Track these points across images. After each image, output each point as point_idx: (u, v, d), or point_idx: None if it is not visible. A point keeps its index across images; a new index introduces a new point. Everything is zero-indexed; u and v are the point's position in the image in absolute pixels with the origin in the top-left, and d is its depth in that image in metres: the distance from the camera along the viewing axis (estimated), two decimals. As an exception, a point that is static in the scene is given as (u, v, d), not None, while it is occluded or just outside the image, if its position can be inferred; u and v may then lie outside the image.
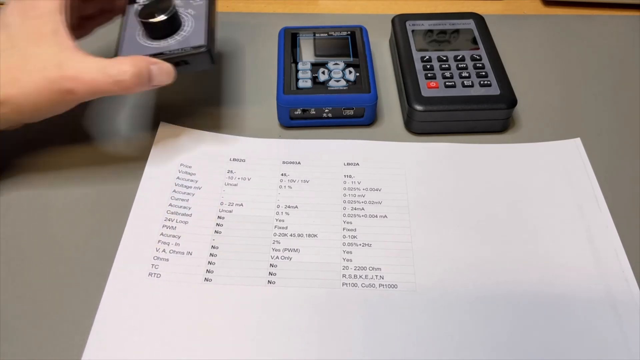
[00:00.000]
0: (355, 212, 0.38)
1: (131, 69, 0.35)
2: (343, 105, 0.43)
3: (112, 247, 0.36)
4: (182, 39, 0.38)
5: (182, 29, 0.38)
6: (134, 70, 0.35)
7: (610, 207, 0.38)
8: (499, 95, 0.43)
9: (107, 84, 0.35)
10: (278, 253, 0.36)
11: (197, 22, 0.39)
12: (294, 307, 0.33)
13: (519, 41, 0.53)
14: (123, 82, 0.35)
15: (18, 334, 0.32)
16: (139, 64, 0.35)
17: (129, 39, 0.38)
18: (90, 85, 0.34)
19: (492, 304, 0.33)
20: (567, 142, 0.43)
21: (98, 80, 0.34)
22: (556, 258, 0.36)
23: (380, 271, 0.35)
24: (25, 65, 0.34)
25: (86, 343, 0.31)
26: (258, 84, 0.48)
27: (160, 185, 0.39)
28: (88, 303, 0.33)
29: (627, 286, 0.34)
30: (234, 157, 0.42)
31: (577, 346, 0.31)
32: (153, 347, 0.31)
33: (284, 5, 0.58)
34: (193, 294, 0.34)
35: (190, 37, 0.38)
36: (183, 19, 0.39)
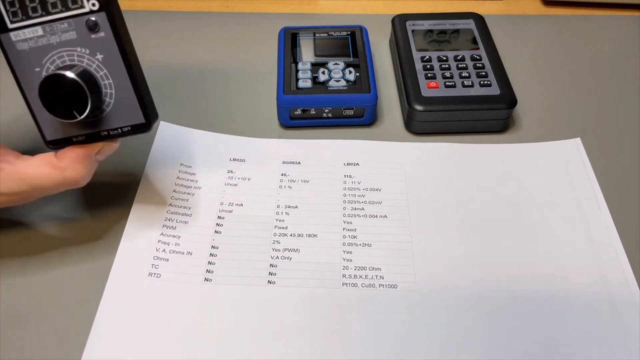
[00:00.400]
0: (355, 212, 0.38)
1: (77, 175, 0.32)
2: (343, 105, 0.43)
3: (112, 247, 0.36)
4: (111, 111, 0.31)
5: (105, 95, 0.31)
6: (82, 175, 0.32)
7: (610, 207, 0.38)
8: (499, 95, 0.43)
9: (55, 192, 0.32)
10: (278, 253, 0.36)
11: (117, 79, 0.31)
12: (294, 307, 0.33)
13: (519, 41, 0.53)
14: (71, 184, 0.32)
15: (18, 334, 0.32)
16: (82, 166, 0.32)
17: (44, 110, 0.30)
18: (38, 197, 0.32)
19: (492, 303, 0.33)
20: (567, 142, 0.43)
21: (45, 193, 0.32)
22: (556, 258, 0.36)
23: (380, 271, 0.35)
24: None
25: (86, 343, 0.31)
26: (258, 84, 0.48)
27: (160, 185, 0.39)
28: (88, 303, 0.33)
29: (627, 286, 0.34)
30: (234, 157, 0.42)
31: (577, 346, 0.31)
32: (153, 347, 0.31)
33: (284, 5, 0.58)
34: (193, 294, 0.34)
35: (121, 109, 0.31)
36: (98, 73, 0.30)
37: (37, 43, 0.30)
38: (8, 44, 0.30)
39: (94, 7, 0.29)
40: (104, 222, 0.37)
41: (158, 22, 0.55)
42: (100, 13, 0.29)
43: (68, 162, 0.32)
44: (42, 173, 0.31)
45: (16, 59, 0.30)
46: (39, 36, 0.30)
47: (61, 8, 0.29)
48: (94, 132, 0.32)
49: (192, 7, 0.58)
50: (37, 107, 0.31)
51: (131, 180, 0.40)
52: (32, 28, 0.30)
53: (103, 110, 0.31)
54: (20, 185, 0.31)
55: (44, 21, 0.29)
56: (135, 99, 0.31)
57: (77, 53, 0.30)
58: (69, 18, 0.29)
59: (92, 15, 0.29)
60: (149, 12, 0.56)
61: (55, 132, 0.32)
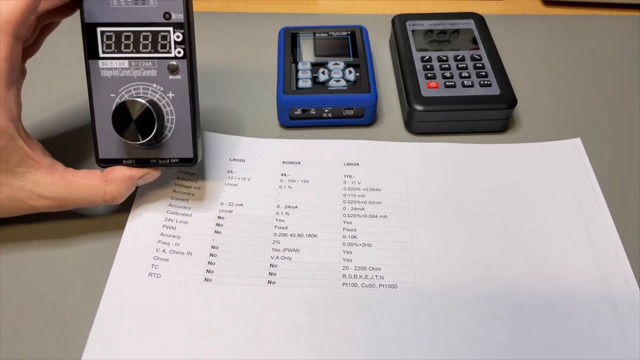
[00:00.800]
0: (355, 212, 0.38)
1: (118, 193, 0.35)
2: (343, 105, 0.43)
3: (112, 247, 0.36)
4: (166, 142, 0.35)
5: (165, 128, 0.34)
6: (121, 194, 0.35)
7: (610, 207, 0.38)
8: (499, 95, 0.43)
9: (92, 205, 0.35)
10: (278, 253, 0.36)
11: (180, 117, 0.34)
12: (294, 307, 0.33)
13: (519, 41, 0.53)
14: (111, 202, 0.35)
15: (18, 334, 0.32)
16: (125, 186, 0.35)
17: (105, 127, 0.34)
18: (75, 207, 0.35)
19: (492, 303, 0.33)
20: (567, 142, 0.43)
21: (83, 204, 0.35)
22: (556, 258, 0.36)
23: (380, 271, 0.35)
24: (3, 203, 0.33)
25: (86, 343, 0.31)
26: (258, 84, 0.48)
27: (160, 185, 0.39)
28: (88, 303, 0.33)
29: (627, 286, 0.34)
30: (234, 157, 0.42)
31: (577, 346, 0.31)
32: (153, 347, 0.31)
33: (284, 5, 0.58)
34: (193, 294, 0.34)
35: (175, 142, 0.35)
36: (164, 109, 0.34)
37: (120, 73, 0.34)
38: (94, 69, 0.34)
39: (179, 54, 0.34)
40: (103, 222, 0.37)
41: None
42: (182, 60, 0.34)
43: (113, 178, 0.35)
44: (87, 184, 0.34)
45: (96, 83, 0.34)
46: (123, 68, 0.34)
47: (151, 50, 0.33)
48: (144, 159, 0.35)
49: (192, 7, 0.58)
50: (100, 126, 0.34)
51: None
52: (120, 61, 0.34)
53: (159, 141, 0.35)
54: (65, 191, 0.33)
55: (132, 57, 0.34)
56: (191, 136, 0.35)
57: (152, 88, 0.34)
58: (155, 59, 0.34)
59: (175, 60, 0.34)
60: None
61: (108, 152, 0.35)
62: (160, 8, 0.33)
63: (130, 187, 0.35)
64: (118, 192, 0.35)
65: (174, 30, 0.33)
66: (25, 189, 0.33)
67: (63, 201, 0.34)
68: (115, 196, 0.35)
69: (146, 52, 0.34)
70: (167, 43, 0.34)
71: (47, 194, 0.33)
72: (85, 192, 0.34)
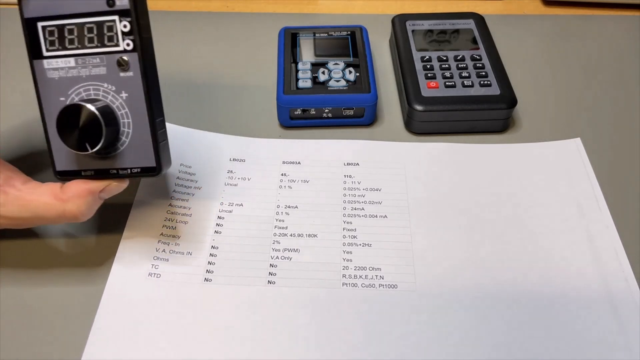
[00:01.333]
0: (355, 212, 0.38)
1: (78, 210, 0.31)
2: (343, 105, 0.43)
3: (112, 247, 0.36)
4: (125, 150, 0.31)
5: (121, 134, 0.31)
6: (82, 211, 0.31)
7: (610, 207, 0.38)
8: (499, 95, 0.43)
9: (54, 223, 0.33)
10: (278, 253, 0.36)
11: (137, 120, 0.31)
12: (294, 307, 0.33)
13: (519, 41, 0.53)
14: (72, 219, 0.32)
15: (18, 334, 0.32)
16: (85, 202, 0.31)
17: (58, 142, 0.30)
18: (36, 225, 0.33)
19: (492, 303, 0.33)
20: (567, 142, 0.43)
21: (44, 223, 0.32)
22: (556, 258, 0.36)
23: (380, 271, 0.35)
24: None
25: (86, 343, 0.31)
26: (258, 84, 0.48)
27: (160, 185, 0.39)
28: (88, 303, 0.33)
29: (627, 286, 0.34)
30: (234, 157, 0.42)
31: (577, 346, 0.31)
32: (153, 347, 0.31)
33: (284, 5, 0.58)
34: (193, 294, 0.34)
35: (134, 149, 0.31)
36: (119, 112, 0.31)
37: (67, 73, 0.31)
38: (39, 71, 0.30)
39: (128, 47, 0.30)
40: (103, 222, 0.37)
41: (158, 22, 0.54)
42: (132, 53, 0.30)
43: (71, 195, 0.31)
44: (44, 203, 0.31)
45: (44, 86, 0.31)
46: (70, 67, 0.30)
47: (97, 44, 0.30)
48: (104, 169, 0.32)
49: (192, 7, 0.58)
50: (53, 135, 0.31)
51: (131, 180, 0.40)
52: (66, 59, 0.30)
53: (117, 148, 0.31)
54: (22, 211, 0.31)
55: (78, 54, 0.30)
56: (151, 141, 0.31)
57: (103, 88, 0.30)
58: (102, 54, 0.30)
59: (125, 55, 0.30)
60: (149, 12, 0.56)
61: (65, 163, 0.32)
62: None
63: (91, 202, 0.32)
64: (78, 210, 0.31)
65: (120, 19, 0.29)
66: None
67: (21, 220, 0.32)
68: (76, 214, 0.31)
69: (92, 47, 0.30)
70: (113, 35, 0.30)
71: (2, 213, 0.31)
72: (42, 211, 0.31)
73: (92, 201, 0.32)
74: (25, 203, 0.31)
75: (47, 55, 0.30)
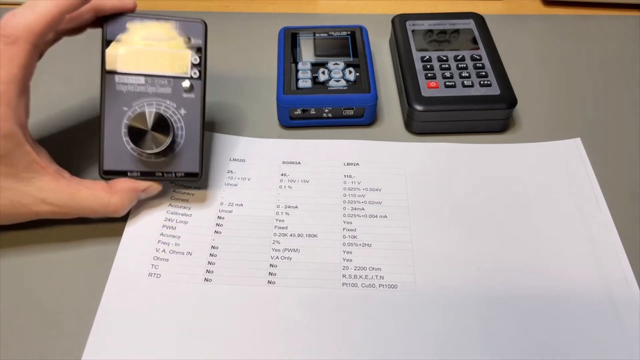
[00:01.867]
0: (355, 212, 0.38)
1: (121, 205, 0.35)
2: (343, 105, 0.43)
3: (112, 247, 0.36)
4: (173, 156, 0.35)
5: (175, 143, 0.35)
6: (124, 206, 0.35)
7: (610, 207, 0.38)
8: (499, 95, 0.43)
9: (94, 215, 0.35)
10: (278, 253, 0.36)
11: (189, 133, 0.35)
12: (294, 307, 0.33)
13: (519, 41, 0.53)
14: (112, 213, 0.35)
15: (18, 334, 0.32)
16: (129, 198, 0.35)
17: (113, 139, 0.34)
18: (77, 216, 0.35)
19: (492, 303, 0.33)
20: (567, 142, 0.43)
21: (86, 213, 0.35)
22: (556, 258, 0.36)
23: (380, 271, 0.35)
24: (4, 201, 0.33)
25: (86, 343, 0.31)
26: (258, 84, 0.48)
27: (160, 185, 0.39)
28: (88, 303, 0.33)
29: (627, 286, 0.34)
30: (234, 157, 0.42)
31: (577, 346, 0.31)
32: (153, 347, 0.31)
33: (284, 5, 0.58)
34: (193, 294, 0.34)
35: (182, 157, 0.35)
36: (175, 125, 0.35)
37: (135, 89, 0.35)
38: (109, 83, 0.34)
39: (194, 75, 0.35)
40: (103, 223, 0.37)
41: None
42: (197, 81, 0.35)
43: (118, 189, 0.35)
44: (92, 193, 0.34)
45: (110, 96, 0.34)
46: (139, 84, 0.35)
47: (169, 69, 0.35)
48: (149, 172, 0.35)
49: (192, 7, 0.58)
50: (109, 137, 0.35)
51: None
52: (138, 77, 0.35)
53: (167, 155, 0.35)
54: (69, 199, 0.34)
55: (149, 74, 0.35)
56: (198, 152, 0.35)
57: (165, 104, 0.35)
58: (171, 77, 0.35)
59: (191, 81, 0.35)
60: (149, 12, 0.56)
61: (113, 164, 0.35)
62: (182, 30, 0.35)
63: (133, 199, 0.36)
64: (121, 204, 0.35)
65: (193, 53, 0.35)
66: (30, 195, 0.33)
67: (66, 209, 0.34)
68: (118, 208, 0.35)
69: (163, 72, 0.35)
70: (184, 62, 0.35)
71: (51, 201, 0.33)
72: (89, 201, 0.34)
73: (134, 198, 0.35)
74: (75, 192, 0.34)
75: (120, 72, 0.35)
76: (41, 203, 0.33)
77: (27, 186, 0.33)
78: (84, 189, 0.34)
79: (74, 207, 0.34)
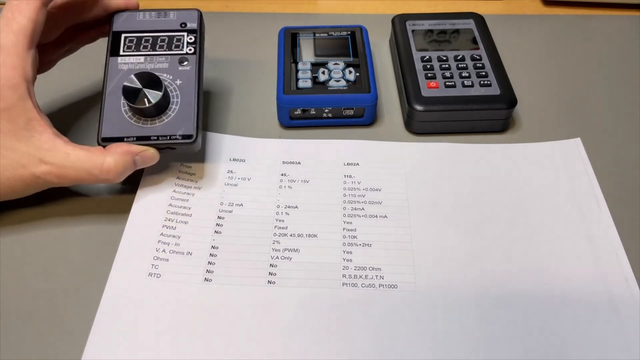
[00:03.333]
0: (355, 212, 0.38)
1: (115, 165, 0.35)
2: (343, 105, 0.43)
3: (112, 247, 0.36)
4: (169, 121, 0.36)
5: (170, 108, 0.37)
6: (118, 168, 0.35)
7: (610, 207, 0.38)
8: (499, 95, 0.43)
9: (89, 179, 0.35)
10: (278, 253, 0.36)
11: (184, 100, 0.37)
12: (294, 307, 0.33)
13: (519, 41, 0.53)
14: (106, 179, 0.35)
15: (18, 334, 0.32)
16: (123, 160, 0.35)
17: (112, 109, 0.37)
18: (73, 180, 0.35)
19: (491, 303, 0.33)
20: (567, 142, 0.43)
21: (81, 175, 0.35)
22: (556, 258, 0.36)
23: (380, 271, 0.35)
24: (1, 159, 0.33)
25: (86, 343, 0.31)
26: (258, 84, 0.48)
27: (160, 185, 0.39)
28: (88, 303, 0.33)
29: (627, 286, 0.34)
30: (234, 157, 0.42)
31: (577, 346, 0.31)
32: (153, 347, 0.31)
33: (284, 5, 0.58)
34: (193, 294, 0.34)
35: (177, 121, 0.36)
36: (171, 93, 0.37)
37: (135, 66, 0.38)
38: (113, 63, 0.38)
39: (189, 51, 0.39)
40: (103, 223, 0.37)
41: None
42: (192, 55, 0.39)
43: (112, 151, 0.35)
44: (87, 153, 0.34)
45: (112, 73, 0.38)
46: (139, 62, 0.38)
47: (166, 49, 0.39)
48: (145, 136, 0.36)
49: (192, 7, 0.58)
50: (108, 107, 0.37)
51: (131, 180, 0.40)
52: (137, 57, 0.39)
53: (162, 120, 0.37)
54: (66, 159, 0.34)
55: (148, 54, 0.39)
56: (192, 115, 0.37)
57: (162, 76, 0.37)
58: (168, 55, 0.39)
59: (186, 55, 0.39)
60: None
61: (111, 131, 0.36)
62: (179, 19, 0.40)
63: (128, 163, 0.35)
64: (115, 165, 0.34)
65: (188, 34, 0.39)
66: (29, 154, 0.34)
67: (63, 169, 0.34)
68: (111, 169, 0.34)
69: (162, 51, 0.39)
70: (180, 44, 0.39)
71: (48, 159, 0.34)
72: (84, 161, 0.34)
73: (129, 162, 0.35)
74: (70, 152, 0.34)
75: (122, 54, 0.38)
76: (39, 162, 0.34)
77: (26, 145, 0.33)
78: (80, 150, 0.34)
79: (69, 167, 0.34)
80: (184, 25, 0.40)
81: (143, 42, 0.39)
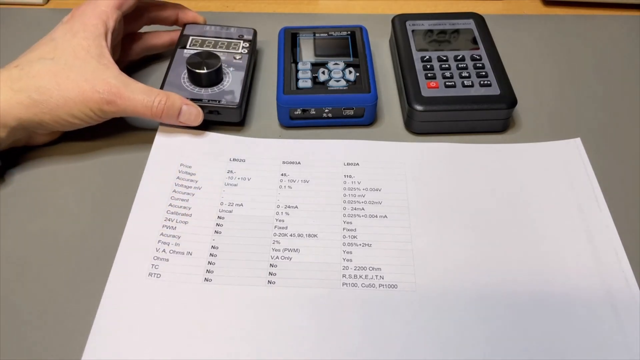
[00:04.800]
0: (355, 212, 0.38)
1: (166, 101, 0.40)
2: (343, 105, 0.43)
3: (112, 247, 0.36)
4: (219, 92, 0.43)
5: (222, 83, 0.44)
6: (168, 103, 0.40)
7: (610, 207, 0.38)
8: (499, 95, 0.43)
9: (142, 107, 0.39)
10: (278, 253, 0.36)
11: (235, 80, 0.44)
12: (294, 307, 0.33)
13: (519, 41, 0.53)
14: (155, 110, 0.40)
15: (18, 334, 0.32)
16: (173, 99, 0.40)
17: (174, 78, 0.44)
18: (129, 103, 0.39)
19: (492, 303, 0.33)
20: (567, 142, 0.43)
21: (136, 100, 0.39)
22: (556, 258, 0.36)
23: (380, 271, 0.35)
24: (69, 73, 0.38)
25: (86, 343, 0.31)
26: (258, 84, 0.48)
27: (160, 185, 0.39)
28: (88, 303, 0.33)
29: (627, 286, 0.34)
30: (234, 157, 0.42)
31: (577, 346, 0.31)
32: (153, 347, 0.31)
33: (284, 5, 0.58)
34: (193, 294, 0.34)
35: (226, 92, 0.43)
36: (224, 74, 0.44)
37: None
38: (179, 54, 0.46)
39: (243, 52, 0.47)
40: (104, 222, 0.38)
41: (158, 22, 0.55)
42: (245, 55, 0.47)
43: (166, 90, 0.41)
44: (144, 86, 0.40)
45: (177, 60, 0.46)
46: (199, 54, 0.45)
47: (224, 49, 0.47)
48: (197, 99, 0.42)
49: (192, 7, 0.57)
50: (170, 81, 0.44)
51: (131, 180, 0.40)
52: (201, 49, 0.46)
53: (214, 90, 0.43)
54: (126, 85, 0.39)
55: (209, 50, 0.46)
56: (239, 91, 0.44)
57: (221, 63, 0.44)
58: (227, 52, 0.47)
59: (240, 54, 0.47)
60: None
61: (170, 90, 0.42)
62: (237, 32, 0.49)
63: (176, 105, 0.40)
64: (166, 101, 0.40)
65: (243, 42, 0.48)
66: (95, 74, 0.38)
67: (123, 95, 0.38)
68: (162, 99, 0.40)
69: (221, 49, 0.47)
70: (236, 47, 0.47)
71: (111, 80, 0.38)
72: (140, 89, 0.39)
73: (177, 102, 0.41)
74: (131, 82, 0.39)
75: (188, 48, 0.47)
76: (103, 83, 0.38)
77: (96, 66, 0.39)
78: (140, 83, 0.40)
79: (128, 92, 0.39)
80: (241, 36, 0.48)
81: (206, 43, 0.47)
